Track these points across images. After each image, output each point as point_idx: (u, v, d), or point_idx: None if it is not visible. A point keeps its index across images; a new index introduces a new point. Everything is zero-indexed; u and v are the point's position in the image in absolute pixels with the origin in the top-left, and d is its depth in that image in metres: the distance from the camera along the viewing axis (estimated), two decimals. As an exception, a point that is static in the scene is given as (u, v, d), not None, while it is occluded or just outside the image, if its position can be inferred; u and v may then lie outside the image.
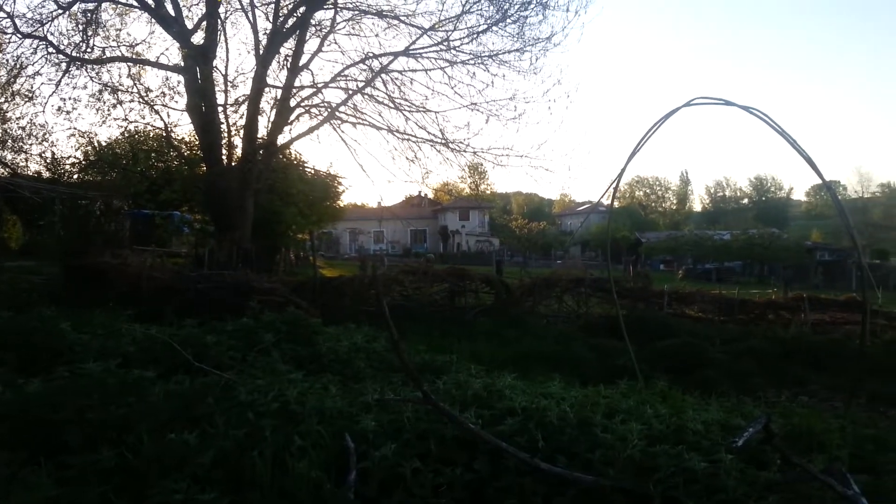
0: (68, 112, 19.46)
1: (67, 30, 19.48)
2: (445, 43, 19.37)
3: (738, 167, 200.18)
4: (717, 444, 4.38)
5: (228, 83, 19.95)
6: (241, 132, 20.01)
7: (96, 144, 24.89)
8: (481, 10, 18.88)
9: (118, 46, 19.98)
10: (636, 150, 7.98)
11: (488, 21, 18.98)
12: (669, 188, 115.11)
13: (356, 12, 19.81)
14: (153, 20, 19.19)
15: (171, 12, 18.77)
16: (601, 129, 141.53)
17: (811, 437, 5.50)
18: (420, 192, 66.48)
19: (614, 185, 8.31)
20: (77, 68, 19.18)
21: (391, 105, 19.99)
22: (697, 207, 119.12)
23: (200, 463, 3.81)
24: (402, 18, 19.53)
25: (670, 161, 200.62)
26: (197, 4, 19.80)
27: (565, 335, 15.64)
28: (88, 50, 19.30)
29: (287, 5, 19.44)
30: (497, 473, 3.98)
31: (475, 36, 19.17)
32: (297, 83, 20.08)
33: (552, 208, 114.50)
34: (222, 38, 19.68)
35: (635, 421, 4.55)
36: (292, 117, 20.14)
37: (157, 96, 19.66)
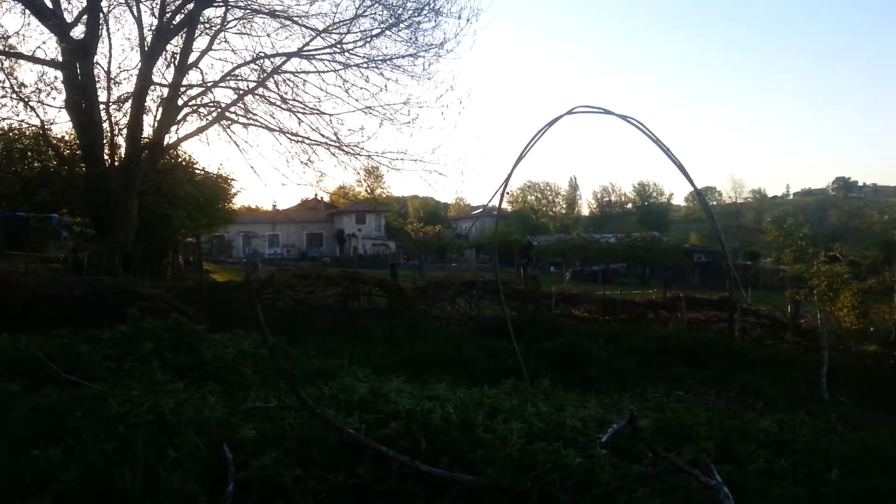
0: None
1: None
2: (339, 45, 19.16)
3: (623, 173, 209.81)
4: (592, 439, 4.55)
5: (111, 80, 18.92)
6: (125, 131, 19.03)
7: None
8: (375, 13, 18.83)
9: (-13, 38, 18.50)
10: (522, 155, 8.20)
11: (382, 25, 18.95)
12: (559, 193, 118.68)
13: (248, 11, 19.25)
14: (27, 11, 17.91)
15: (49, 4, 17.61)
16: (494, 134, 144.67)
17: (682, 430, 5.80)
18: (316, 195, 65.36)
19: (501, 189, 8.52)
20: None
21: (284, 106, 19.57)
22: (586, 212, 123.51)
23: (64, 480, 3.60)
24: (296, 19, 19.16)
25: (560, 167, 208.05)
26: (77, -3, 18.66)
27: (457, 337, 15.84)
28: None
29: (174, 2, 18.67)
30: (381, 477, 3.98)
31: (369, 39, 19.09)
32: (185, 82, 19.30)
33: (448, 212, 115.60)
34: (104, 32, 18.65)
35: (516, 420, 4.67)
36: (180, 117, 19.34)
37: (32, 92, 18.34)
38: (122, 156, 19.30)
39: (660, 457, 4.35)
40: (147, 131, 19.05)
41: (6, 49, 18.42)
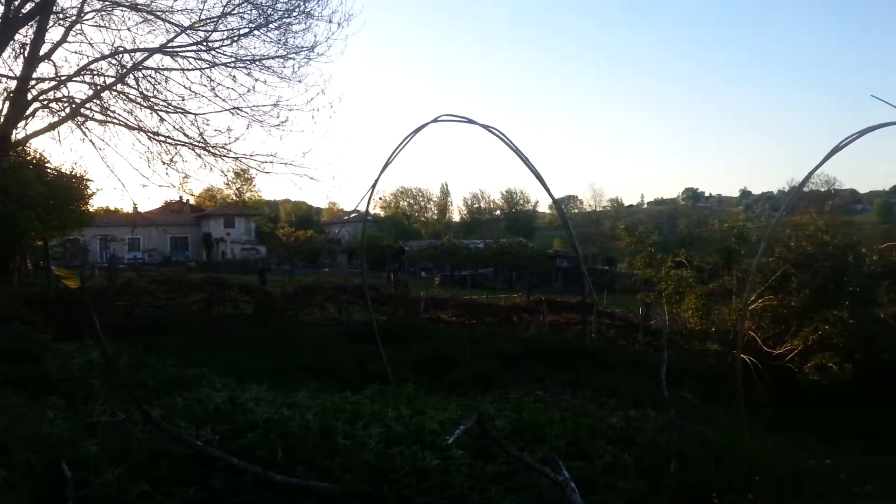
0: None
1: None
2: (205, 43, 18.37)
3: (493, 181, 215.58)
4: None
5: (-52, 70, 17.13)
6: (-36, 126, 17.29)
7: None
8: (243, 12, 18.23)
9: None
10: (388, 161, 8.29)
11: (250, 24, 18.35)
12: (432, 199, 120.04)
13: (107, 3, 18.08)
14: None
15: None
16: (368, 139, 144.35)
17: (537, 429, 6.05)
18: (181, 197, 62.37)
19: (369, 194, 8.56)
20: None
21: (145, 104, 18.48)
22: (457, 218, 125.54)
23: None
24: (159, 14, 18.15)
25: (433, 173, 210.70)
26: None
27: (326, 343, 15.70)
28: None
29: (24, -10, 17.21)
30: (236, 489, 3.90)
31: (237, 39, 18.42)
32: (35, 74, 17.82)
33: (321, 217, 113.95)
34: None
35: (376, 425, 4.71)
36: (29, 111, 17.82)
37: None
38: (-39, 152, 17.56)
39: (512, 455, 4.52)
40: (-8, 126, 17.42)
41: None
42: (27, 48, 17.53)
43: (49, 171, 24.83)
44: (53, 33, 18.18)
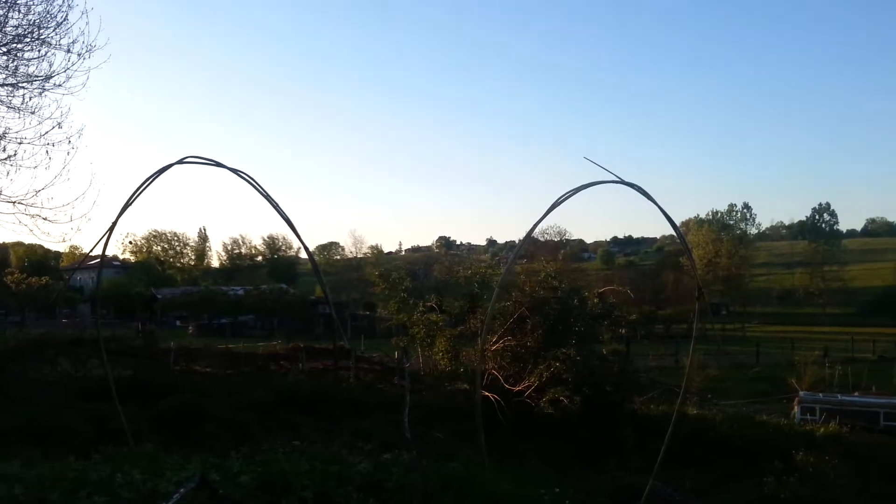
0: None
1: None
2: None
3: (254, 226, 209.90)
4: None
5: None
6: None
7: None
8: (-39, 33, 16.20)
9: None
10: (129, 203, 7.78)
11: (-27, 48, 16.37)
12: (188, 244, 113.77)
13: None
14: None
15: None
16: (119, 178, 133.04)
17: (284, 481, 5.99)
18: None
19: (106, 237, 7.92)
20: None
21: None
22: (216, 263, 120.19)
23: None
24: None
25: (191, 216, 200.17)
26: None
27: (57, 403, 14.06)
28: None
29: None
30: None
31: (-44, 61, 16.30)
32: None
33: (61, 262, 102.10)
34: None
35: (101, 494, 4.36)
36: None
37: None
38: None
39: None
40: None
41: None
42: None
43: None
44: None
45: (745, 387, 29.21)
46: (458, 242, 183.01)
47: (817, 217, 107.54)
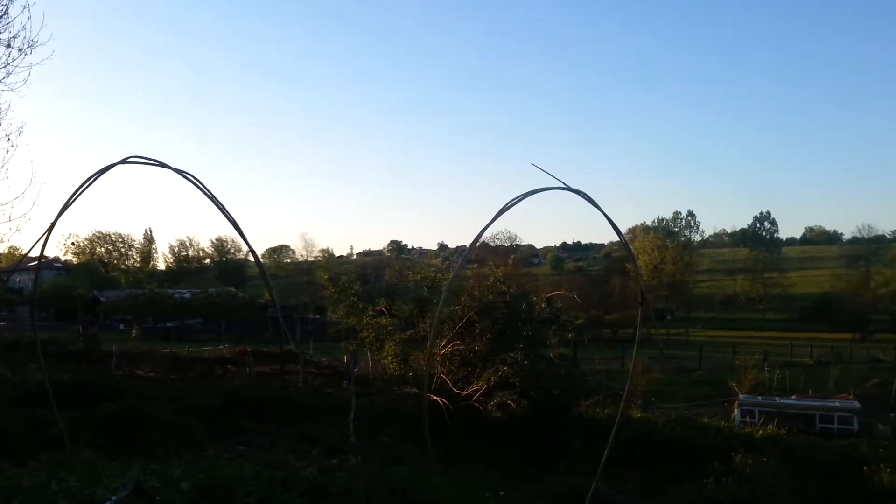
0: None
1: None
2: None
3: (202, 228, 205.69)
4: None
5: None
6: None
7: None
8: None
9: None
10: (68, 203, 7.57)
11: None
12: (133, 245, 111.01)
13: None
14: None
15: None
16: (65, 177, 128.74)
17: (227, 487, 5.94)
18: None
19: (45, 237, 7.71)
20: None
21: None
22: (162, 266, 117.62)
23: None
24: None
25: (137, 217, 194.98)
26: None
27: (-9, 409, 13.56)
28: None
29: None
30: None
31: None
32: None
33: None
34: None
35: (37, 501, 4.27)
36: None
37: None
38: None
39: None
40: None
41: None
42: None
43: None
44: None
45: (688, 390, 29.88)
46: (409, 247, 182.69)
47: (758, 225, 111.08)
